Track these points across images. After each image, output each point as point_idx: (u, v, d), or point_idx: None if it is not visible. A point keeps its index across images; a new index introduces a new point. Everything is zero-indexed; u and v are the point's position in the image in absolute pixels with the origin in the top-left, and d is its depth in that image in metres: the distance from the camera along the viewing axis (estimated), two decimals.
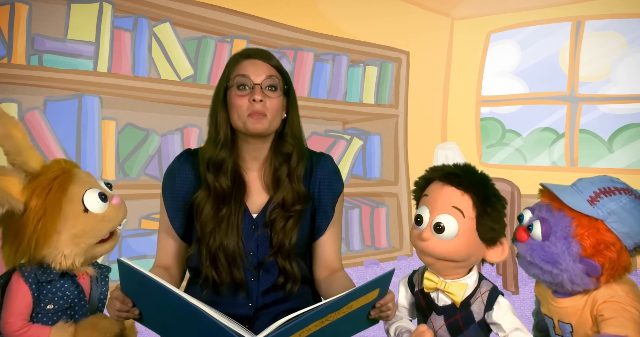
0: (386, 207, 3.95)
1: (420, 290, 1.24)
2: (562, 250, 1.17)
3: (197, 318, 1.00)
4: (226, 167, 1.32)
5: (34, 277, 1.17)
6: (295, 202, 1.33)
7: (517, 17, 4.55)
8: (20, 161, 1.19)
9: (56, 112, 2.54)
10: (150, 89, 2.81)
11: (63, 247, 1.16)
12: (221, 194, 1.31)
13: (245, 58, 1.35)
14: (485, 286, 1.19)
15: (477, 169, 1.20)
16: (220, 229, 1.30)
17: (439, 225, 1.14)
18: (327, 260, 1.40)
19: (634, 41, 4.14)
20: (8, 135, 1.17)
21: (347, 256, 3.59)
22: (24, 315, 1.16)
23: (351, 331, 1.18)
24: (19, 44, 2.45)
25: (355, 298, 1.05)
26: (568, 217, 1.18)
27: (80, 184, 1.20)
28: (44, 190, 1.15)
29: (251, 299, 1.33)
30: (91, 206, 1.19)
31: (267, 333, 0.97)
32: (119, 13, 2.76)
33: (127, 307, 1.10)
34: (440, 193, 1.17)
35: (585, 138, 4.34)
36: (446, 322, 1.18)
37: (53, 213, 1.14)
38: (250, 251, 1.32)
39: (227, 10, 3.13)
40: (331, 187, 1.41)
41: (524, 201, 3.10)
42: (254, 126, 1.29)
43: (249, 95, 1.29)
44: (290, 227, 1.32)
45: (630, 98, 4.14)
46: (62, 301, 1.19)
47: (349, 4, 3.98)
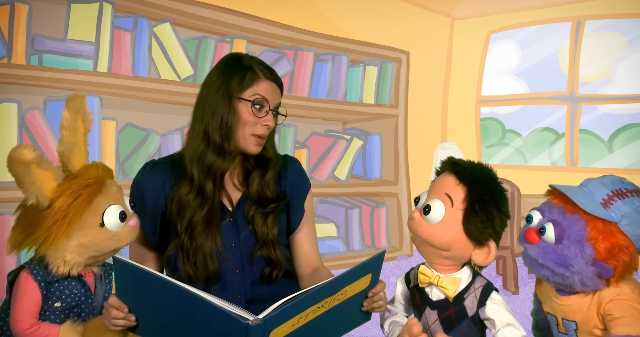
0: (386, 207, 3.95)
1: (415, 285, 1.25)
2: (576, 253, 1.17)
3: (197, 305, 1.00)
4: (218, 176, 1.37)
5: (42, 275, 1.18)
6: (271, 201, 1.39)
7: (517, 17, 4.55)
8: (67, 157, 1.21)
9: (56, 112, 2.54)
10: (150, 89, 2.82)
11: (67, 253, 1.17)
12: (205, 194, 1.35)
13: (267, 79, 1.37)
14: (479, 281, 1.20)
15: (489, 169, 1.22)
16: (201, 227, 1.33)
17: (428, 207, 1.17)
18: (307, 255, 1.46)
19: (634, 41, 4.14)
20: (73, 129, 1.20)
21: (347, 256, 3.59)
22: (33, 313, 1.17)
23: (345, 326, 1.20)
24: (19, 44, 2.45)
25: (349, 282, 1.07)
26: (582, 221, 1.17)
27: (108, 197, 1.21)
28: (73, 194, 1.16)
29: (238, 291, 1.35)
30: (108, 222, 1.20)
31: (267, 313, 0.99)
32: (119, 13, 2.76)
33: (122, 314, 1.09)
34: (441, 180, 1.20)
35: (585, 138, 4.34)
36: (439, 316, 1.19)
37: (73, 219, 1.15)
38: (232, 243, 1.36)
39: (227, 10, 3.13)
40: (300, 186, 1.48)
41: (524, 201, 3.10)
42: (253, 149, 1.35)
43: (262, 119, 1.33)
44: (271, 222, 1.38)
45: (630, 98, 4.15)
46: (69, 299, 1.20)
47: (349, 4, 3.98)
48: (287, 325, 1.01)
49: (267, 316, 0.98)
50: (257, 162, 1.41)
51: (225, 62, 1.41)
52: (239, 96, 1.33)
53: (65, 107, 1.20)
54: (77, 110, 1.20)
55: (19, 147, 1.09)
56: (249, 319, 0.98)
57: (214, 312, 0.99)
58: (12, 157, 1.09)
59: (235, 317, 0.97)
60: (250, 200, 1.39)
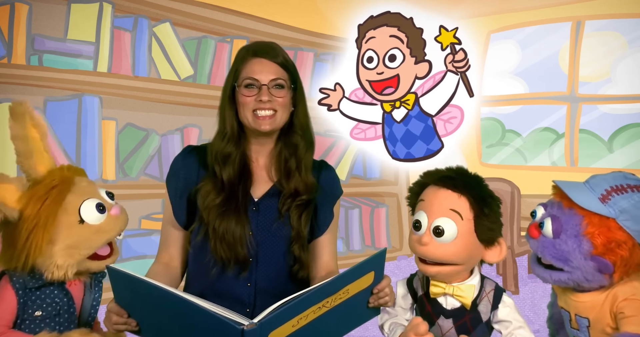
0: (386, 207, 3.94)
1: (424, 295, 1.23)
2: (573, 248, 1.17)
3: (191, 312, 1.00)
4: (233, 160, 1.37)
5: (21, 282, 1.15)
6: (305, 192, 1.39)
7: (517, 17, 4.55)
8: (28, 165, 1.18)
9: (56, 112, 2.54)
10: (150, 89, 2.82)
11: (56, 257, 1.14)
12: (226, 183, 1.36)
13: (252, 56, 1.38)
14: (489, 285, 1.20)
15: (465, 169, 1.21)
16: (224, 215, 1.34)
17: (438, 228, 1.13)
18: (324, 261, 1.44)
19: (634, 41, 4.14)
20: (23, 136, 1.16)
21: (347, 256, 3.59)
22: (5, 321, 1.13)
23: (354, 322, 1.18)
24: (19, 44, 2.45)
25: (350, 281, 1.05)
26: (579, 216, 1.17)
27: (79, 193, 1.19)
28: (40, 199, 1.13)
29: (250, 279, 1.35)
30: (87, 217, 1.18)
31: (263, 316, 0.98)
32: (119, 13, 2.76)
33: (123, 319, 1.09)
34: (437, 197, 1.17)
35: (585, 138, 4.34)
36: (455, 324, 1.18)
37: (47, 223, 1.13)
38: (251, 232, 1.36)
39: (227, 10, 3.13)
40: (333, 189, 1.47)
41: (523, 201, 3.10)
42: (261, 127, 1.35)
43: (256, 96, 1.35)
44: (305, 218, 1.38)
45: (630, 98, 4.14)
46: (50, 307, 1.17)
47: (349, 4, 3.98)
48: (286, 326, 1.00)
49: (262, 320, 0.97)
50: (290, 153, 1.41)
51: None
52: (234, 84, 1.37)
53: (9, 116, 1.17)
54: (21, 117, 1.17)
55: None
56: (244, 324, 0.97)
57: (209, 319, 0.98)
58: None
59: (229, 322, 0.96)
60: (286, 193, 1.39)
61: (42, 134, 1.21)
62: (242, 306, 1.32)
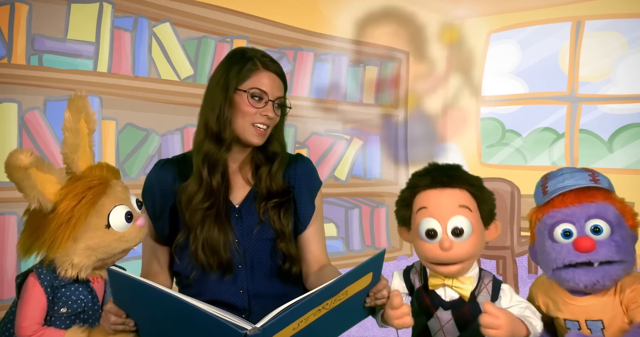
0: (386, 207, 3.95)
1: (422, 287, 1.23)
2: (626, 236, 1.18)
3: (193, 316, 1.00)
4: (220, 166, 1.37)
5: (49, 280, 1.17)
6: (277, 195, 1.40)
7: (517, 17, 4.55)
8: (71, 159, 1.19)
9: (56, 112, 2.54)
10: (150, 89, 2.82)
11: (74, 256, 1.15)
12: (212, 190, 1.36)
13: (264, 69, 1.37)
14: (487, 277, 1.20)
15: (441, 163, 1.22)
16: (207, 222, 1.34)
17: (457, 229, 1.13)
18: (315, 254, 1.45)
19: (634, 41, 4.14)
20: (75, 130, 1.18)
21: (347, 256, 3.59)
22: (38, 318, 1.15)
23: (350, 321, 1.19)
24: (19, 44, 2.45)
25: (350, 282, 1.06)
26: (606, 203, 1.18)
27: (112, 198, 1.20)
28: (77, 197, 1.14)
29: (241, 286, 1.35)
30: (114, 223, 1.18)
31: (266, 321, 0.98)
32: (119, 13, 2.76)
33: (121, 320, 1.09)
34: (441, 198, 1.16)
35: (585, 138, 4.35)
36: (454, 316, 1.19)
37: (77, 222, 1.14)
38: (236, 239, 1.36)
39: (227, 10, 3.13)
40: (310, 183, 1.47)
41: (523, 201, 3.10)
42: (254, 139, 1.35)
43: (261, 109, 1.34)
44: (285, 216, 1.39)
45: (630, 98, 4.15)
46: (75, 304, 1.19)
47: (349, 4, 3.98)
48: (287, 330, 1.00)
49: (265, 325, 0.97)
50: (266, 157, 1.42)
51: (230, 55, 1.43)
52: (237, 87, 1.35)
53: (67, 107, 1.19)
54: (79, 111, 1.19)
55: (16, 152, 1.07)
56: (247, 329, 0.97)
57: (211, 323, 0.98)
58: (9, 162, 1.07)
59: (232, 327, 0.96)
60: (260, 196, 1.40)
61: (91, 131, 1.22)
62: (236, 312, 1.31)
